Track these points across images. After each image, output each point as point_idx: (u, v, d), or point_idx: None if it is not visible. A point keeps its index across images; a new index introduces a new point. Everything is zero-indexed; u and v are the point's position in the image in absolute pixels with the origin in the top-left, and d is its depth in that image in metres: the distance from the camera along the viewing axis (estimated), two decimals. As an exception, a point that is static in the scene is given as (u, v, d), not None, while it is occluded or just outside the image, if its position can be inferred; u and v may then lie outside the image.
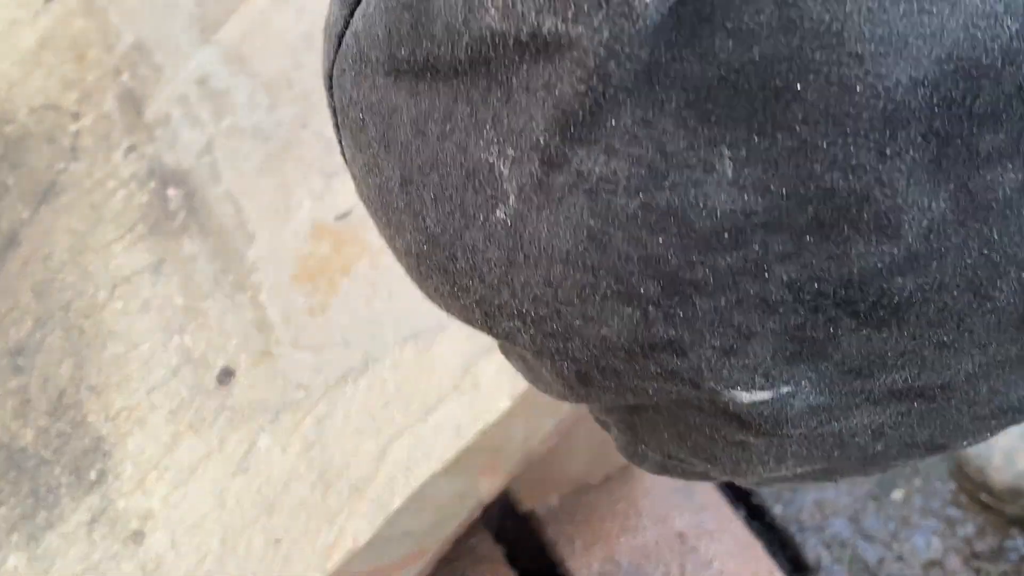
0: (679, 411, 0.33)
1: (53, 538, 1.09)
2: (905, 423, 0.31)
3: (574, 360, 0.30)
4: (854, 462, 0.33)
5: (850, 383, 0.28)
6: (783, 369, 0.27)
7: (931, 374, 0.28)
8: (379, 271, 1.05)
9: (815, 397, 0.28)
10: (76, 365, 1.20)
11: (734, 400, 0.29)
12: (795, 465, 0.34)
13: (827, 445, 0.32)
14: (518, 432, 0.97)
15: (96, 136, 1.40)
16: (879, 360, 0.28)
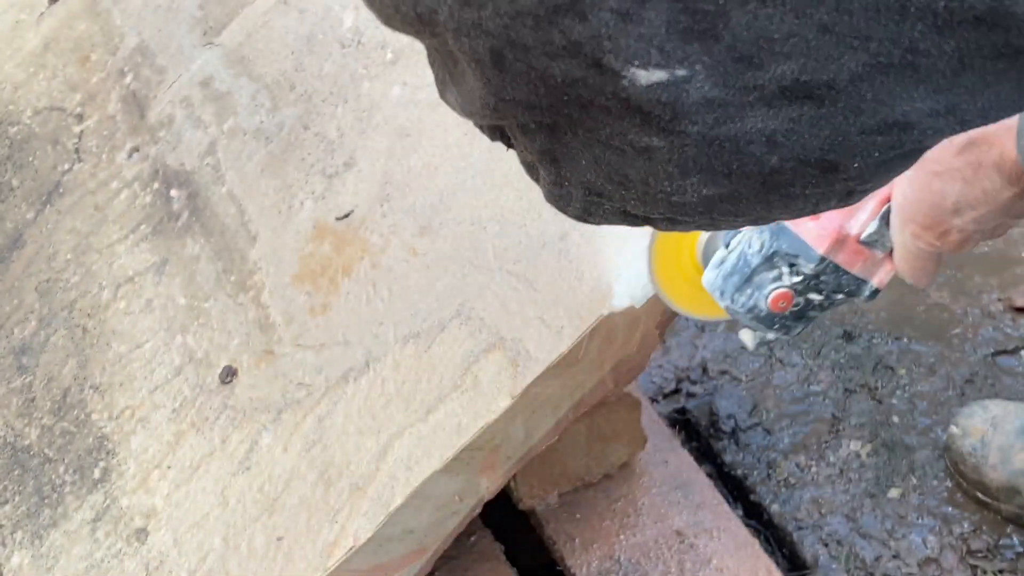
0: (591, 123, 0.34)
1: (57, 536, 1.10)
2: (796, 131, 0.32)
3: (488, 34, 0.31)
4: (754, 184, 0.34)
5: (742, 74, 0.29)
6: (677, 46, 0.28)
7: (817, 67, 0.28)
8: (380, 271, 1.06)
9: (710, 88, 0.30)
10: (80, 364, 1.21)
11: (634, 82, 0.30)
12: (700, 184, 0.34)
13: (725, 154, 0.33)
14: (518, 431, 0.97)
15: (100, 138, 1.41)
16: (767, 46, 0.28)
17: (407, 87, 1.15)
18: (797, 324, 0.84)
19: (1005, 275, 1.62)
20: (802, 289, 0.82)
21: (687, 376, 1.56)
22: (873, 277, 0.81)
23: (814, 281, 0.81)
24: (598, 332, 0.93)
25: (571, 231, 0.97)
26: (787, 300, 0.82)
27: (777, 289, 0.82)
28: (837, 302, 0.83)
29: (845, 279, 0.81)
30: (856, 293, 0.82)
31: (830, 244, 0.80)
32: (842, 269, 0.80)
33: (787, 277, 0.82)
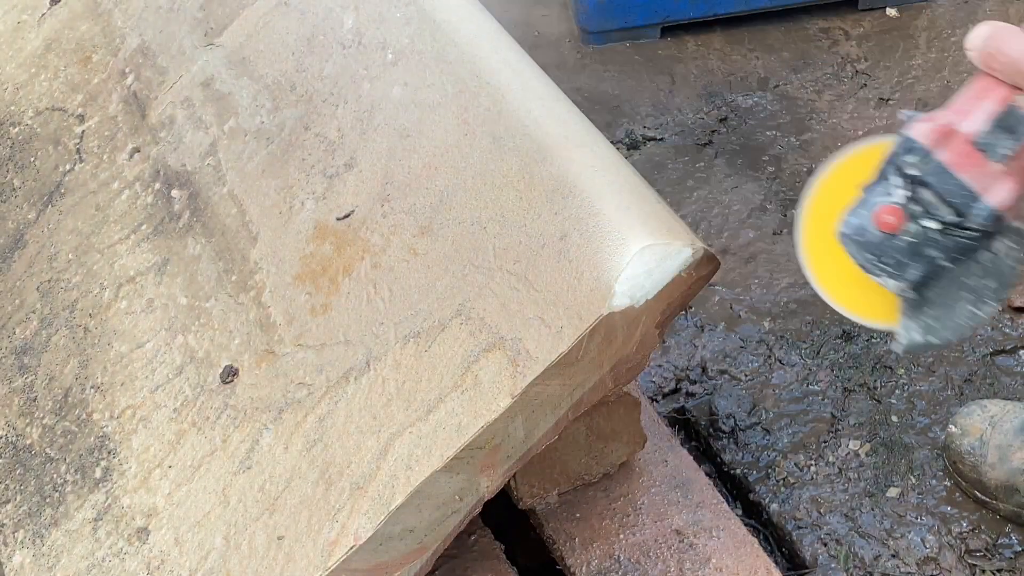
0: None
1: (58, 535, 1.10)
2: None
3: None
4: None
5: None
6: None
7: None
8: (380, 271, 1.06)
9: None
10: (81, 364, 1.21)
11: None
12: None
13: None
14: (518, 430, 0.98)
15: (101, 138, 1.41)
16: None
17: (407, 88, 1.15)
18: (913, 265, 0.77)
19: (1004, 275, 1.63)
20: (910, 205, 0.75)
21: (686, 376, 1.57)
22: (987, 193, 0.73)
23: (922, 190, 0.74)
24: (598, 332, 0.94)
25: (571, 231, 0.97)
26: (894, 215, 0.76)
27: (885, 203, 0.76)
28: (954, 232, 0.75)
29: (953, 185, 0.73)
30: (968, 212, 0.74)
31: (935, 136, 0.74)
32: (949, 172, 0.73)
33: (896, 191, 0.76)
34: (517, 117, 1.06)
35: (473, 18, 1.19)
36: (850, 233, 0.79)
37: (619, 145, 1.99)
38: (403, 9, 1.20)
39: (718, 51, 2.18)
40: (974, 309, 0.80)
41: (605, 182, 1.00)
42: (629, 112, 2.07)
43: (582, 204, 0.98)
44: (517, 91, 1.09)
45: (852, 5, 2.21)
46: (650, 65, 2.17)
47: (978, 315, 0.80)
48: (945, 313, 0.81)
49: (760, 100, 2.05)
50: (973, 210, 0.74)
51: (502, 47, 1.15)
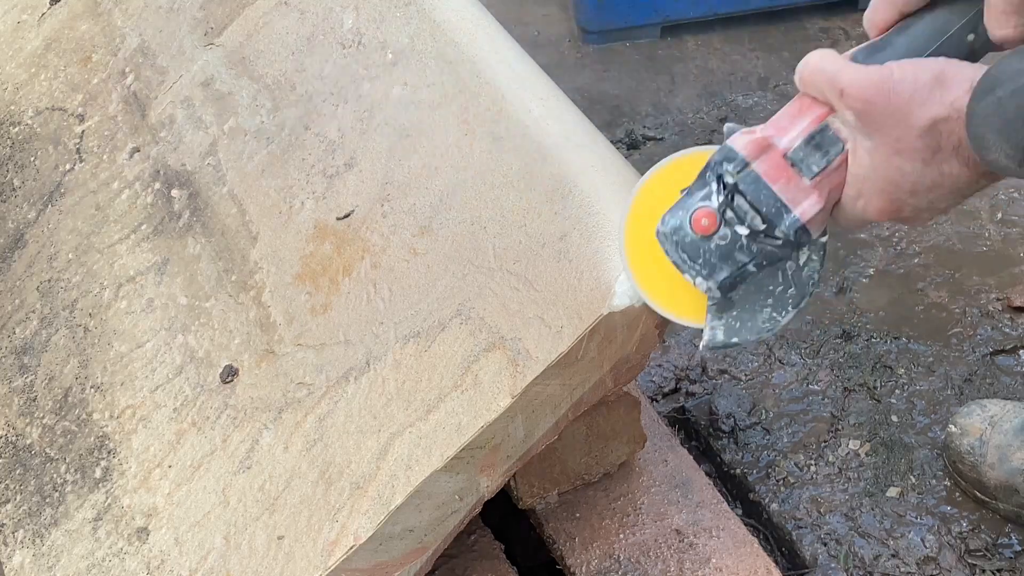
0: None
1: (58, 535, 1.11)
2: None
3: None
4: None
5: None
6: None
7: None
8: (380, 271, 1.06)
9: None
10: (81, 364, 1.21)
11: None
12: None
13: None
14: (518, 430, 0.98)
15: (101, 138, 1.41)
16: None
17: (407, 88, 1.15)
18: (722, 267, 0.81)
19: (1003, 275, 1.63)
20: (725, 210, 0.79)
21: (686, 375, 1.57)
22: (796, 206, 0.78)
23: (737, 197, 0.79)
24: (597, 332, 0.94)
25: (571, 231, 0.97)
26: (709, 219, 0.80)
27: (701, 207, 0.81)
28: (762, 239, 0.79)
29: (765, 195, 0.78)
30: (777, 222, 0.78)
31: (753, 148, 0.78)
32: (762, 181, 0.78)
33: (714, 196, 0.80)
34: (517, 117, 1.06)
35: (473, 18, 1.19)
36: (667, 232, 0.83)
37: (619, 145, 1.99)
38: (403, 9, 1.21)
39: (718, 51, 2.18)
40: (775, 315, 0.84)
41: (605, 182, 1.00)
42: (629, 112, 2.07)
43: (582, 204, 0.98)
44: (517, 91, 1.09)
45: (852, 5, 2.21)
46: (650, 65, 2.17)
47: (778, 320, 0.84)
48: (748, 316, 0.85)
49: (760, 100, 2.05)
50: (783, 221, 0.78)
51: (502, 47, 1.15)
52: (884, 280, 1.64)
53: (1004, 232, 1.69)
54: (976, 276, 1.63)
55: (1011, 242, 1.67)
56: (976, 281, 1.63)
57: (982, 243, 1.68)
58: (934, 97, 0.71)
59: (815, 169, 0.77)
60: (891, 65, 0.73)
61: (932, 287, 1.62)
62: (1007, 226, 1.70)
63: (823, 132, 0.77)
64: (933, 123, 0.72)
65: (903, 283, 1.64)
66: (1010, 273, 1.63)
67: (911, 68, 0.72)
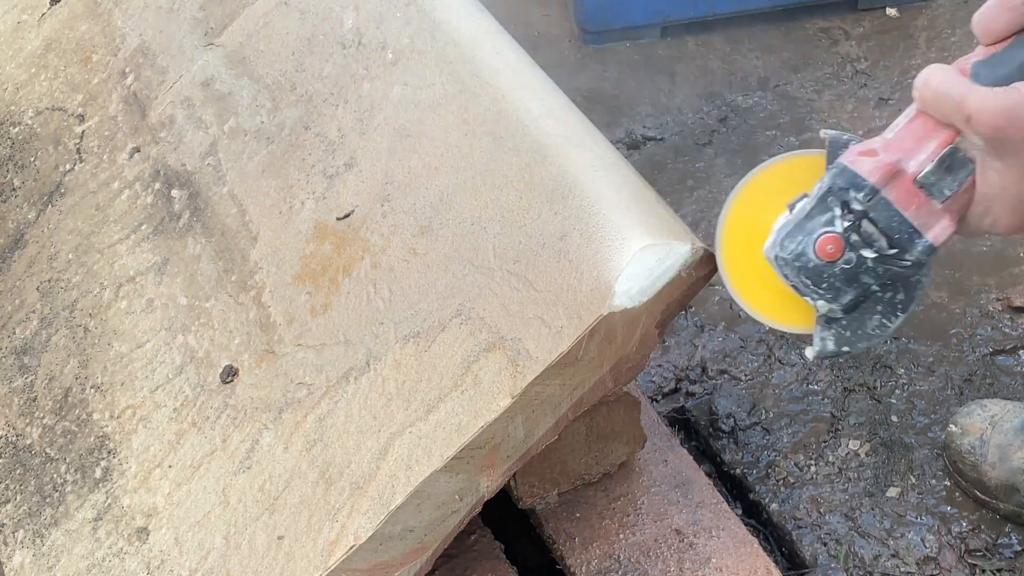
0: None
1: (58, 535, 1.11)
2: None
3: None
4: None
5: None
6: None
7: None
8: (380, 271, 1.06)
9: None
10: (81, 364, 1.21)
11: None
12: None
13: None
14: (518, 430, 0.98)
15: (101, 138, 1.41)
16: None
17: (408, 87, 1.15)
18: (847, 290, 0.81)
19: (1003, 275, 1.63)
20: (851, 235, 0.79)
21: (686, 375, 1.57)
22: (928, 231, 0.77)
23: (864, 222, 0.78)
24: (598, 332, 0.94)
25: (571, 231, 0.97)
26: (835, 245, 0.79)
27: (826, 233, 0.79)
28: (890, 261, 0.79)
29: (896, 222, 0.77)
30: (908, 247, 0.78)
31: (882, 175, 0.77)
32: (894, 208, 0.77)
33: (838, 221, 0.79)
34: (517, 117, 1.06)
35: (473, 18, 1.19)
36: (788, 257, 0.82)
37: (619, 145, 1.99)
38: (403, 9, 1.21)
39: (718, 51, 2.18)
40: (885, 321, 0.84)
41: (605, 182, 1.00)
42: (629, 112, 2.07)
43: (582, 204, 0.98)
44: (517, 91, 1.09)
45: (852, 5, 2.21)
46: (650, 65, 2.17)
47: (888, 327, 0.84)
48: (858, 325, 0.85)
49: (760, 100, 2.05)
50: (914, 246, 0.78)
51: (502, 47, 1.15)
52: (884, 280, 1.64)
53: (1004, 232, 1.69)
54: (976, 276, 1.63)
55: (1011, 242, 1.67)
56: (976, 281, 1.63)
57: (982, 243, 1.68)
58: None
59: (947, 193, 0.76)
60: (1020, 87, 0.71)
61: (932, 287, 1.62)
62: (1007, 226, 1.70)
63: (953, 155, 0.76)
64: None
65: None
66: (1010, 273, 1.63)
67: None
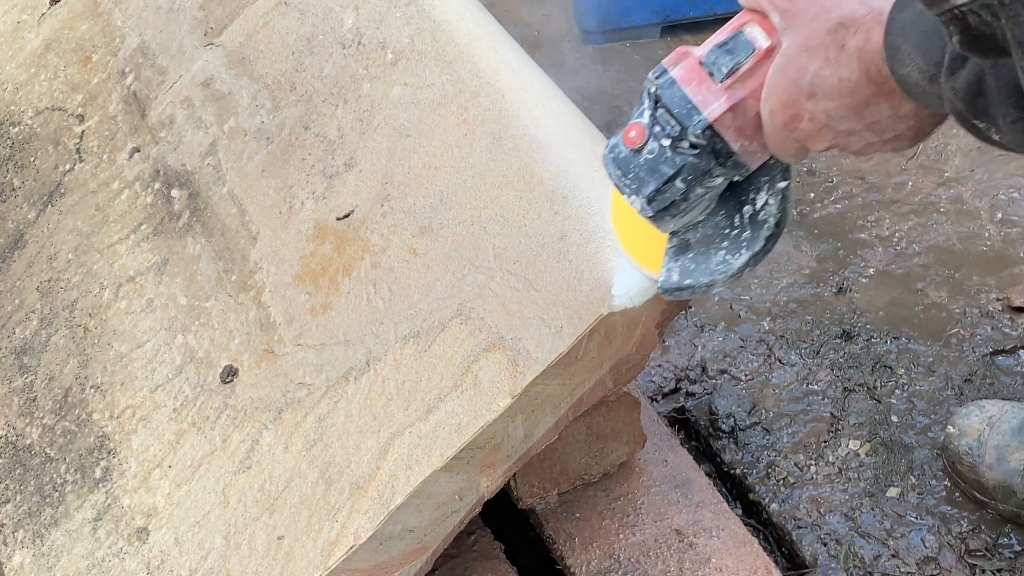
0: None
1: (58, 535, 1.11)
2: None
3: None
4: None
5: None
6: None
7: None
8: (380, 271, 1.06)
9: None
10: (81, 364, 1.21)
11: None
12: None
13: None
14: (518, 430, 0.98)
15: (101, 138, 1.41)
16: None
17: (407, 87, 1.15)
18: (648, 180, 0.82)
19: (1003, 275, 1.63)
20: (654, 126, 0.81)
21: (686, 375, 1.57)
22: (705, 107, 0.79)
23: (658, 106, 0.81)
24: (597, 332, 0.94)
25: (571, 231, 0.97)
26: (638, 131, 0.82)
27: (634, 121, 0.82)
28: (680, 148, 0.80)
29: (678, 98, 0.79)
30: (687, 123, 0.80)
31: (674, 57, 0.81)
32: (677, 85, 0.80)
33: (645, 112, 0.82)
34: (517, 117, 1.06)
35: (473, 18, 1.19)
36: (607, 152, 0.85)
37: (619, 145, 1.98)
38: (403, 9, 1.21)
39: (718, 51, 2.18)
40: (729, 257, 0.85)
41: (605, 182, 1.00)
42: (629, 112, 2.06)
43: (582, 204, 0.98)
44: (517, 91, 1.09)
45: (852, 5, 2.21)
46: (650, 65, 2.16)
47: (731, 263, 0.85)
48: (702, 259, 0.86)
49: (760, 100, 2.05)
50: (692, 121, 0.79)
51: (502, 47, 1.15)
52: (884, 280, 1.64)
53: (1004, 232, 1.69)
54: (976, 276, 1.63)
55: (1011, 242, 1.67)
56: (976, 281, 1.63)
57: (982, 243, 1.68)
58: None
59: (724, 71, 0.78)
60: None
61: (932, 287, 1.62)
62: (1007, 226, 1.70)
63: (736, 37, 0.79)
64: (844, 19, 0.71)
65: (903, 283, 1.63)
66: (1010, 273, 1.63)
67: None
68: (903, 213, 1.73)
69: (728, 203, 0.87)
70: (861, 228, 1.71)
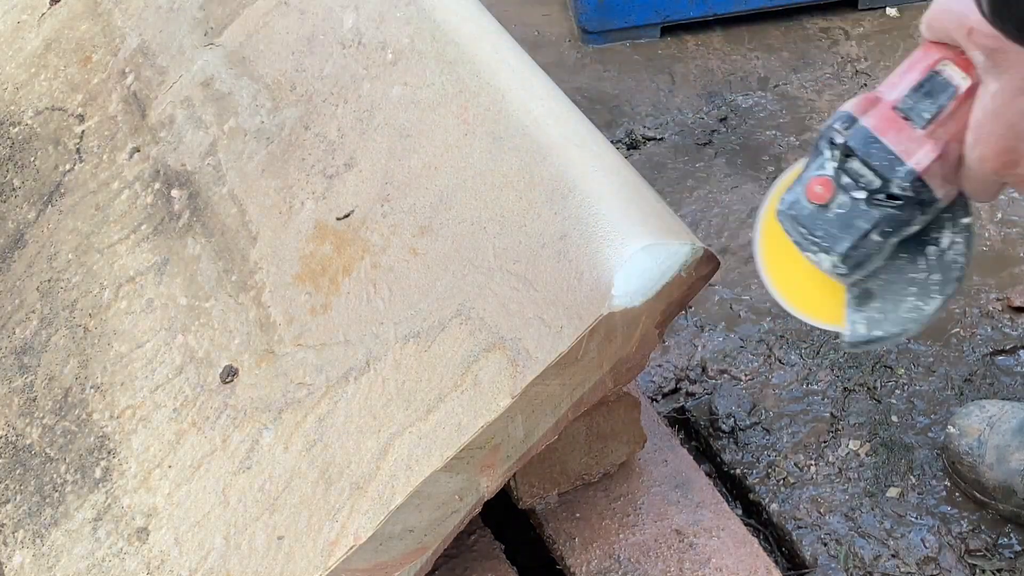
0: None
1: (58, 535, 1.11)
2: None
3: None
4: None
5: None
6: None
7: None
8: (380, 271, 1.06)
9: None
10: (81, 364, 1.21)
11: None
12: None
13: None
14: (518, 430, 0.98)
15: (101, 138, 1.41)
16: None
17: (407, 87, 1.15)
18: (842, 237, 0.77)
19: (1003, 275, 1.63)
20: (841, 177, 0.76)
21: (686, 375, 1.57)
22: (910, 157, 0.74)
23: (850, 160, 0.75)
24: (597, 332, 0.94)
25: (571, 231, 0.97)
26: (824, 186, 0.77)
27: (816, 175, 0.77)
28: (880, 201, 0.75)
29: (876, 149, 0.75)
30: (890, 175, 0.75)
31: (861, 103, 0.76)
32: (872, 135, 0.75)
33: (828, 164, 0.77)
34: (517, 117, 1.06)
35: (473, 18, 1.19)
36: (785, 209, 0.81)
37: (619, 145, 1.99)
38: (403, 9, 1.21)
39: (718, 51, 2.18)
40: (919, 303, 0.81)
41: (605, 182, 1.00)
42: (629, 112, 2.07)
43: (582, 204, 0.98)
44: (517, 91, 1.09)
45: (852, 5, 2.21)
46: (650, 65, 2.17)
47: (924, 309, 0.81)
48: (891, 307, 0.82)
49: (760, 100, 2.05)
50: (896, 173, 0.75)
51: (502, 47, 1.15)
52: (884, 280, 1.64)
53: (1004, 232, 1.69)
54: (976, 276, 1.63)
55: (1011, 242, 1.67)
56: (976, 281, 1.63)
57: (982, 243, 1.68)
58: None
59: (926, 116, 0.74)
60: None
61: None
62: (1007, 226, 1.70)
63: (932, 79, 0.74)
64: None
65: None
66: (1010, 273, 1.63)
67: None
68: (903, 213, 1.73)
69: (910, 245, 0.82)
70: (861, 228, 1.71)
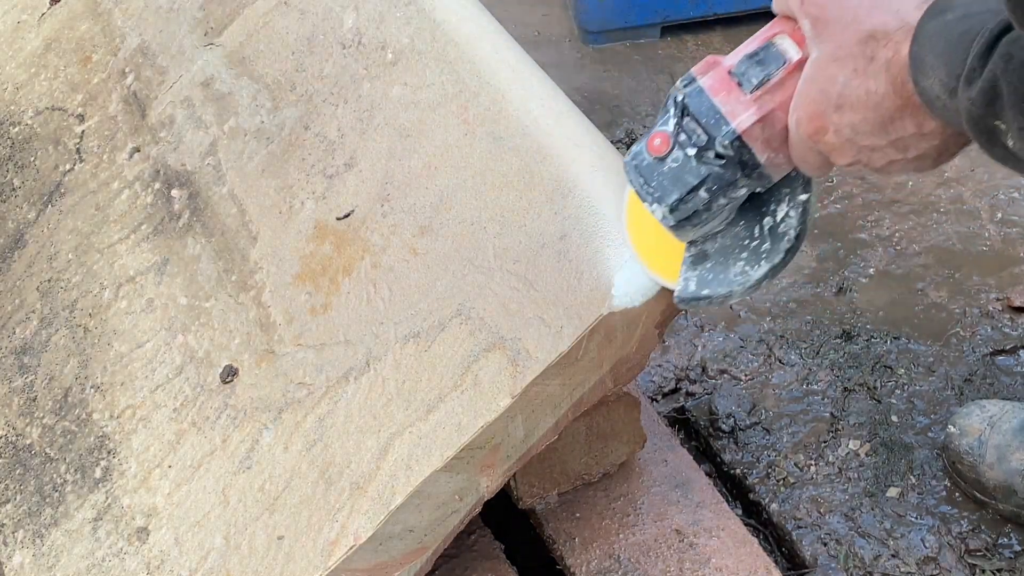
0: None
1: (58, 535, 1.11)
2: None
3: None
4: None
5: None
6: None
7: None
8: (380, 271, 1.06)
9: None
10: (81, 364, 1.21)
11: None
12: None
13: None
14: (518, 430, 0.98)
15: (101, 138, 1.41)
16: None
17: (407, 87, 1.15)
18: (672, 190, 0.82)
19: (1003, 275, 1.63)
20: (679, 134, 0.80)
21: (686, 375, 1.57)
22: (733, 118, 0.78)
23: (685, 115, 0.80)
24: (597, 332, 0.94)
25: (571, 231, 0.97)
26: (662, 139, 0.81)
27: (658, 130, 0.82)
28: (706, 158, 0.79)
29: (706, 107, 0.79)
30: (715, 133, 0.79)
31: (704, 67, 0.80)
32: (705, 94, 0.79)
33: (671, 120, 0.81)
34: (517, 117, 1.06)
35: (473, 18, 1.19)
36: (629, 160, 0.84)
37: (619, 145, 1.98)
38: (403, 9, 1.21)
39: (718, 50, 2.18)
40: (748, 268, 0.85)
41: (605, 182, 1.00)
42: (629, 112, 2.07)
43: (582, 204, 0.98)
44: (517, 91, 1.09)
45: (852, 5, 2.21)
46: (650, 65, 2.17)
47: (750, 275, 0.85)
48: (721, 269, 0.86)
49: (760, 100, 2.05)
50: (720, 132, 0.78)
51: (502, 47, 1.15)
52: (884, 280, 1.64)
53: (1004, 232, 1.69)
54: (976, 276, 1.63)
55: (1011, 242, 1.67)
56: (976, 281, 1.63)
57: (982, 243, 1.68)
58: (884, 4, 0.70)
59: (754, 82, 0.78)
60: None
61: (932, 287, 1.62)
62: (1007, 226, 1.70)
63: (766, 48, 0.78)
64: (875, 31, 0.70)
65: (903, 283, 1.64)
66: (1010, 273, 1.63)
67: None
68: (903, 213, 1.73)
69: (748, 214, 0.86)
70: (861, 228, 1.71)
